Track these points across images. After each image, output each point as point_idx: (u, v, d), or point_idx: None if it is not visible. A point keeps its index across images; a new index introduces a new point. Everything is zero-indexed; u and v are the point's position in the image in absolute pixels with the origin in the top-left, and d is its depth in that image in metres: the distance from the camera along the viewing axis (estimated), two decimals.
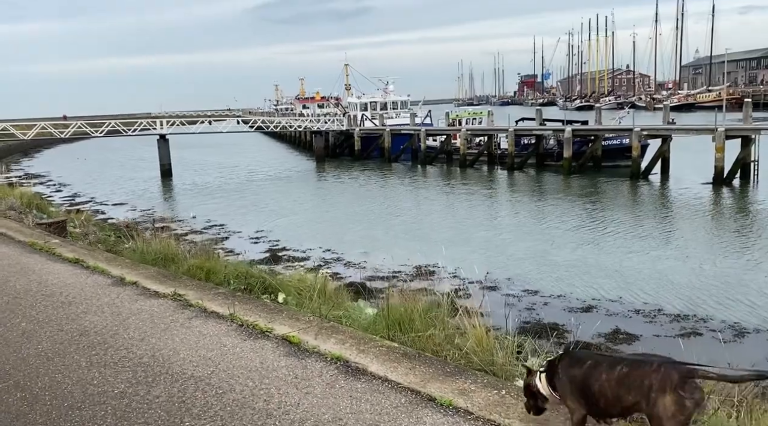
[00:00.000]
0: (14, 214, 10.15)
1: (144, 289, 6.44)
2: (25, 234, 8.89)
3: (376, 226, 26.81)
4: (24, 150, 74.84)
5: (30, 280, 7.30)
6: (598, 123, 38.15)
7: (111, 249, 7.89)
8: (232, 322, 5.39)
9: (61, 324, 5.80)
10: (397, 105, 62.20)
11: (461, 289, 16.27)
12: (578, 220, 26.52)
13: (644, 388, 3.01)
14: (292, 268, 19.21)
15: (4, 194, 11.60)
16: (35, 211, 10.56)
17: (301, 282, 6.22)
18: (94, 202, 35.24)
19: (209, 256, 7.21)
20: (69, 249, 7.93)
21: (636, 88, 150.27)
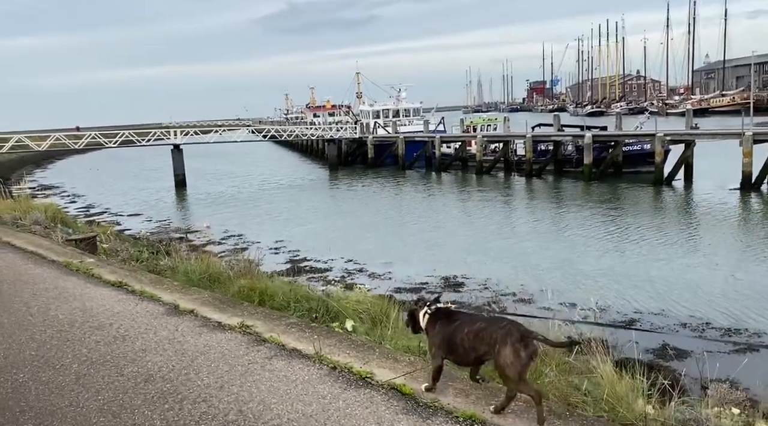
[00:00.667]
0: (40, 230, 9.70)
1: (204, 319, 5.70)
2: (57, 252, 8.36)
3: (394, 235, 26.30)
4: (37, 161, 75.05)
5: (73, 308, 6.64)
6: (618, 128, 37.50)
7: (152, 269, 7.44)
8: (321, 364, 4.62)
9: (120, 365, 5.06)
10: (409, 112, 61.83)
11: (495, 301, 15.71)
12: (601, 227, 25.87)
13: (492, 341, 3.84)
14: (314, 279, 18.76)
15: (27, 208, 11.16)
16: (61, 226, 10.12)
17: (360, 304, 5.63)
18: (109, 213, 34.95)
19: (253, 274, 6.64)
20: (108, 270, 7.33)
21: (647, 94, 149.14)
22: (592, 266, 19.74)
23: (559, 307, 15.31)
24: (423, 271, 19.31)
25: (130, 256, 7.82)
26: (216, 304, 6.01)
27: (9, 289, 7.38)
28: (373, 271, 19.43)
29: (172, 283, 6.67)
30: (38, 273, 7.89)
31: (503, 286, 17.08)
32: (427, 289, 17.09)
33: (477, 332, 3.93)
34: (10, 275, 7.88)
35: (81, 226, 11.39)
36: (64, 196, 43.64)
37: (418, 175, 48.91)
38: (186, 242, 20.87)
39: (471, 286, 17.23)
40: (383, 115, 61.64)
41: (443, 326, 4.16)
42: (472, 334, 3.94)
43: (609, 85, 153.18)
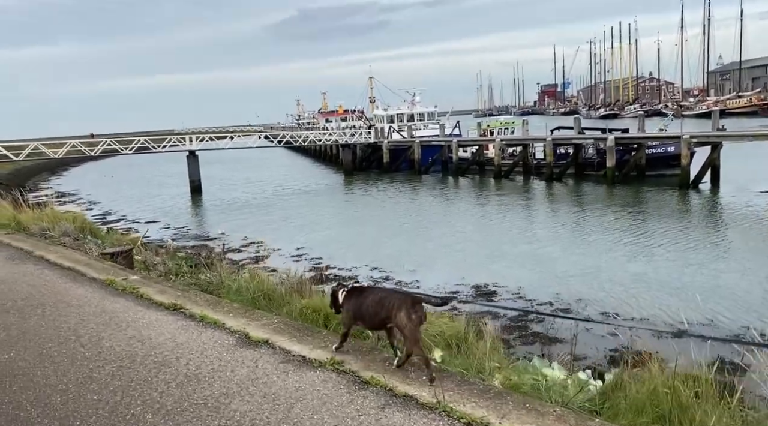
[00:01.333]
0: (70, 242, 9.26)
1: (284, 351, 4.92)
2: (96, 269, 7.69)
3: (414, 240, 25.80)
4: (52, 168, 75.28)
5: (129, 338, 5.80)
6: (641, 131, 36.74)
7: (203, 287, 6.72)
8: (449, 418, 3.74)
9: (202, 416, 4.16)
10: (424, 116, 61.39)
11: (531, 312, 15.13)
12: (626, 232, 25.22)
13: (390, 307, 4.56)
14: None
15: (55, 218, 10.71)
16: (90, 237, 9.67)
17: (432, 325, 5.06)
18: (126, 220, 34.69)
19: (305, 291, 6.09)
20: (156, 289, 6.63)
21: (661, 96, 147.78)
22: (622, 273, 19.13)
23: (598, 318, 14.72)
24: (451, 278, 18.77)
25: (169, 269, 7.29)
26: (290, 331, 5.29)
27: (52, 313, 6.70)
28: (399, 279, 18.90)
29: (231, 304, 6.03)
30: (81, 294, 7.17)
31: (537, 295, 16.50)
32: (458, 297, 16.54)
33: (379, 300, 4.74)
34: (51, 296, 7.22)
35: (110, 237, 10.90)
36: (80, 203, 43.49)
37: (435, 179, 48.36)
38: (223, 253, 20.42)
39: (504, 294, 16.67)
40: (397, 119, 61.24)
41: (356, 299, 4.96)
42: (375, 302, 4.75)
43: (622, 87, 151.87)
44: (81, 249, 8.75)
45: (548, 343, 12.89)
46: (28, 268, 8.29)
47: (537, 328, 13.72)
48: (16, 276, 8.04)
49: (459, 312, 15.72)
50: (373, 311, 4.73)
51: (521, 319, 14.35)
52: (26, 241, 9.85)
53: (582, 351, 11.78)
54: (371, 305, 4.75)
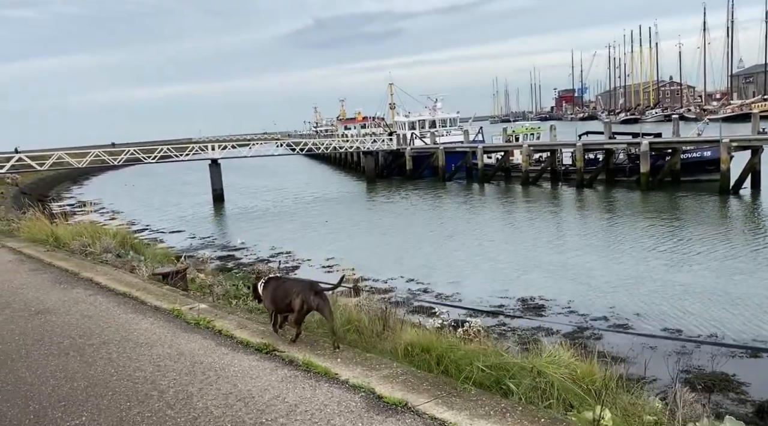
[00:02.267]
0: (112, 258, 8.59)
1: (435, 421, 3.68)
2: (153, 294, 6.81)
3: (444, 250, 25.00)
4: (73, 177, 75.60)
5: (225, 395, 4.60)
6: (675, 135, 35.60)
7: None
8: None
9: None
10: (446, 122, 60.61)
11: (588, 327, 14.23)
12: (665, 240, 24.16)
13: (292, 293, 5.58)
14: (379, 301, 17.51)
15: (95, 232, 10.10)
16: (133, 253, 9.00)
17: (557, 365, 4.17)
18: (151, 230, 34.27)
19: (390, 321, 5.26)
20: (233, 322, 5.70)
21: (683, 100, 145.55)
22: (667, 283, 18.15)
23: (660, 334, 13.77)
24: (493, 290, 17.92)
25: (227, 292, 6.52)
26: (426, 387, 4.06)
27: (120, 357, 5.51)
28: (439, 292, 18.08)
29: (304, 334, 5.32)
30: (147, 328, 6.11)
31: (588, 309, 15.59)
32: (506, 311, 15.71)
33: (285, 287, 5.56)
34: (113, 332, 6.13)
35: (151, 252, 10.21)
36: (103, 212, 43.25)
37: (459, 186, 47.50)
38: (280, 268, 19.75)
39: (553, 308, 15.78)
40: (419, 125, 60.52)
41: (271, 287, 5.74)
42: (282, 289, 5.56)
43: (642, 91, 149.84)
44: (127, 267, 8.01)
45: (612, 362, 11.98)
46: (78, 295, 7.41)
47: (597, 345, 12.80)
48: (68, 304, 7.11)
49: (509, 327, 14.94)
50: (280, 296, 5.60)
51: (577, 335, 13.47)
52: (69, 260, 9.18)
53: (652, 372, 10.88)
54: (280, 291, 5.62)
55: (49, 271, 8.80)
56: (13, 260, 9.96)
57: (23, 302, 7.36)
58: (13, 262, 9.89)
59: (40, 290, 7.79)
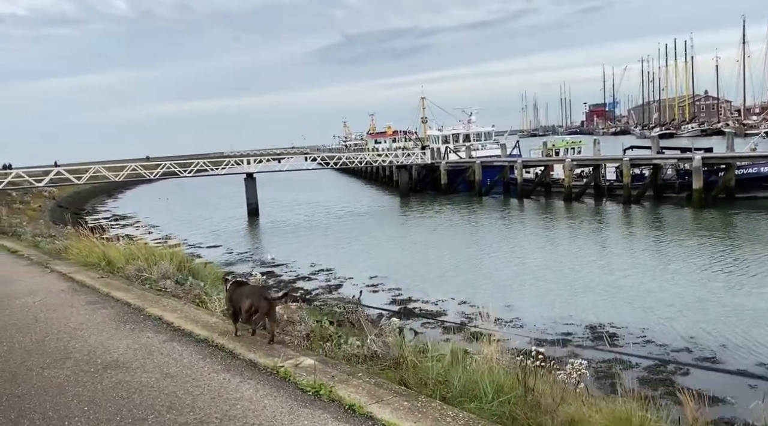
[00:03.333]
0: (172, 286, 7.65)
1: None
2: (241, 340, 5.65)
3: (488, 268, 23.98)
4: (108, 191, 76.31)
5: None
6: (730, 149, 33.97)
7: (398, 378, 4.45)
8: None
9: None
10: (481, 136, 59.53)
11: (672, 360, 13.00)
12: (724, 260, 22.72)
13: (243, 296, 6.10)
14: (430, 325, 16.50)
15: (149, 254, 9.14)
16: (192, 278, 8.16)
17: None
18: (188, 244, 33.76)
19: (525, 376, 4.27)
20: (363, 392, 4.23)
21: (720, 114, 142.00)
22: (738, 309, 16.78)
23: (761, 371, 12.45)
24: (552, 315, 16.78)
25: (311, 330, 5.56)
26: None
27: None
28: (496, 317, 16.91)
29: (470, 419, 3.73)
30: (250, 397, 4.55)
31: (665, 338, 14.32)
32: (574, 340, 14.54)
33: (241, 292, 6.18)
34: (208, 404, 4.53)
35: (210, 275, 9.29)
36: (139, 227, 43.11)
37: (497, 201, 46.28)
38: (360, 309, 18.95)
39: (626, 337, 14.56)
40: (453, 139, 59.58)
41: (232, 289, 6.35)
42: (238, 294, 6.18)
43: (678, 106, 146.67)
44: (191, 297, 7.23)
45: (707, 403, 10.76)
46: (150, 340, 6.17)
47: (685, 382, 11.58)
48: (141, 355, 5.69)
49: (581, 359, 13.74)
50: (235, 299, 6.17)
51: (660, 370, 12.25)
52: (128, 290, 8.08)
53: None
54: (235, 295, 6.20)
55: (108, 305, 7.71)
56: (66, 289, 8.89)
57: (86, 350, 6.07)
58: (66, 291, 8.81)
59: (103, 332, 6.64)
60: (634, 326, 15.39)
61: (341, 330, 5.80)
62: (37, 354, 6.07)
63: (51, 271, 10.31)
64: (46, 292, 8.94)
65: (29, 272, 10.67)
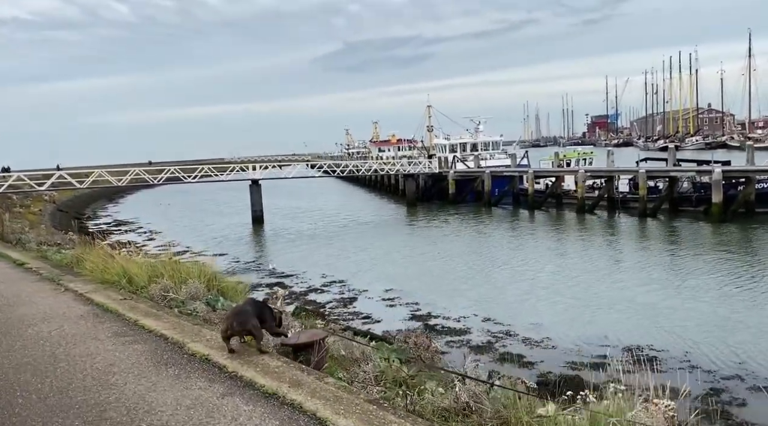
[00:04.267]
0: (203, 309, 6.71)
1: None
2: (318, 394, 4.28)
3: (506, 282, 23.12)
4: (109, 195, 75.30)
5: None
6: (750, 163, 33.16)
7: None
8: None
9: None
10: (488, 145, 58.75)
11: (721, 390, 12.05)
12: (755, 278, 21.76)
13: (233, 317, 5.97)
14: (455, 343, 15.57)
15: (174, 271, 7.98)
16: (222, 299, 7.18)
17: None
18: (192, 252, 32.80)
19: None
20: None
21: (725, 127, 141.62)
22: None
23: None
24: (584, 336, 15.83)
25: (380, 372, 4.61)
26: None
27: None
28: (525, 336, 16.01)
29: None
30: None
31: (712, 363, 13.38)
32: (612, 365, 13.57)
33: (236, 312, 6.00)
34: None
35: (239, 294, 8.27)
36: (140, 233, 42.16)
37: (506, 212, 45.39)
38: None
39: (668, 361, 13.60)
40: (460, 148, 58.81)
41: None
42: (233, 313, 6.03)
43: (682, 118, 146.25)
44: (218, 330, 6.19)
45: None
46: (203, 393, 4.76)
47: (743, 415, 10.66)
48: (197, 420, 4.34)
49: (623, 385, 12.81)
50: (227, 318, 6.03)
51: (713, 399, 11.29)
52: (159, 317, 6.85)
53: None
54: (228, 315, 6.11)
55: (140, 338, 6.43)
56: (86, 315, 7.60)
57: (124, 408, 4.70)
58: (86, 317, 7.50)
59: (141, 379, 5.28)
60: (678, 348, 14.48)
61: (412, 368, 4.84)
62: (62, 411, 4.71)
63: (65, 289, 9.20)
64: (62, 317, 7.71)
65: (40, 291, 9.50)
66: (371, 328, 16.76)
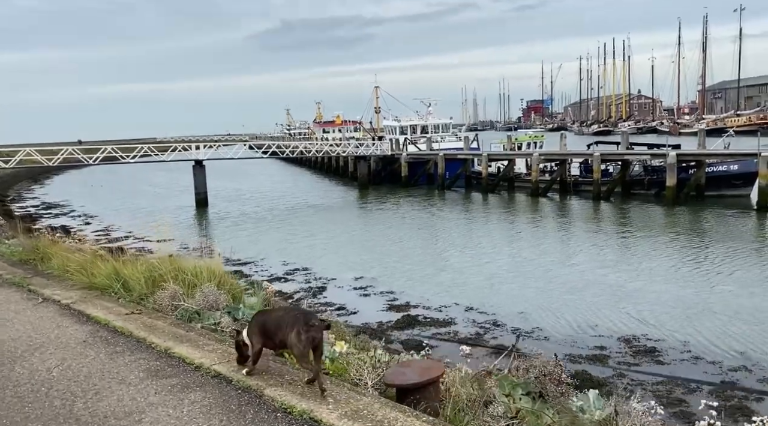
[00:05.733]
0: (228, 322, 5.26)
1: None
2: None
3: (477, 267, 22.44)
4: (33, 176, 69.96)
5: None
6: (701, 147, 33.86)
7: None
8: None
9: None
10: (438, 128, 58.13)
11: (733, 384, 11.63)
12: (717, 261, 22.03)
13: (285, 327, 4.61)
14: (439, 336, 14.64)
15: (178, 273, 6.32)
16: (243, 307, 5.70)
17: None
18: (135, 237, 30.44)
19: None
20: None
21: (655, 113, 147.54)
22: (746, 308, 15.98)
23: None
24: (575, 325, 15.22)
25: (515, 413, 3.48)
26: None
27: None
28: (513, 326, 15.26)
29: None
30: None
31: (714, 354, 12.94)
32: (612, 357, 12.99)
33: (277, 319, 4.74)
34: None
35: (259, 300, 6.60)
36: (74, 216, 39.02)
37: (460, 196, 44.97)
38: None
39: (671, 354, 13.08)
40: (410, 130, 57.91)
41: (257, 318, 4.94)
42: (274, 321, 4.74)
43: (615, 103, 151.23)
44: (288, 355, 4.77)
45: None
46: None
47: (764, 410, 10.22)
48: None
49: (634, 381, 12.18)
50: (272, 331, 4.74)
51: (729, 395, 10.86)
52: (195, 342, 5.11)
53: None
54: (271, 323, 4.78)
55: (189, 380, 4.62)
56: (90, 339, 5.67)
57: None
58: (92, 344, 5.57)
59: None
60: (676, 339, 14.02)
61: (545, 407, 3.73)
62: None
63: (43, 298, 7.16)
64: (57, 344, 5.64)
65: (11, 301, 7.29)
66: (349, 320, 15.65)
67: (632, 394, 4.79)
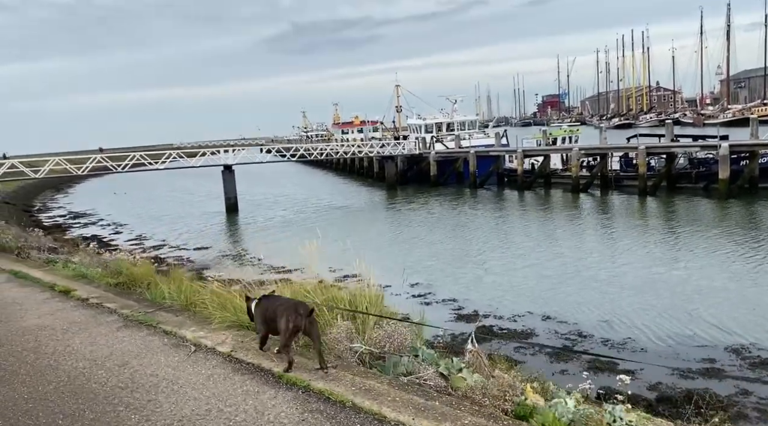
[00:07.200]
0: (434, 378, 3.90)
1: None
2: None
3: (532, 269, 21.23)
4: (55, 185, 69.67)
5: None
6: (755, 137, 32.32)
7: None
8: None
9: None
10: (464, 125, 56.87)
11: None
12: None
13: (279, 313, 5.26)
14: (522, 348, 13.48)
15: (336, 301, 5.62)
16: (428, 351, 4.51)
17: None
18: (170, 246, 29.66)
19: None
20: None
21: (676, 104, 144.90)
22: None
23: None
24: (669, 333, 13.96)
25: None
26: None
27: None
28: (600, 337, 14.05)
29: None
30: None
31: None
32: (726, 371, 11.74)
33: (275, 307, 5.35)
34: None
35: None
36: (103, 225, 38.30)
37: (493, 194, 43.67)
38: None
39: None
40: (436, 128, 56.72)
41: (264, 306, 5.58)
42: (273, 309, 5.36)
43: (635, 96, 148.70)
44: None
45: None
46: None
47: None
48: None
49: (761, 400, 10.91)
50: (271, 318, 5.34)
51: None
52: (432, 414, 3.67)
53: None
54: (271, 311, 5.37)
55: None
56: (313, 421, 4.12)
57: None
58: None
59: None
60: None
61: None
62: None
63: (197, 348, 5.88)
64: None
65: (156, 351, 5.91)
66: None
67: None
